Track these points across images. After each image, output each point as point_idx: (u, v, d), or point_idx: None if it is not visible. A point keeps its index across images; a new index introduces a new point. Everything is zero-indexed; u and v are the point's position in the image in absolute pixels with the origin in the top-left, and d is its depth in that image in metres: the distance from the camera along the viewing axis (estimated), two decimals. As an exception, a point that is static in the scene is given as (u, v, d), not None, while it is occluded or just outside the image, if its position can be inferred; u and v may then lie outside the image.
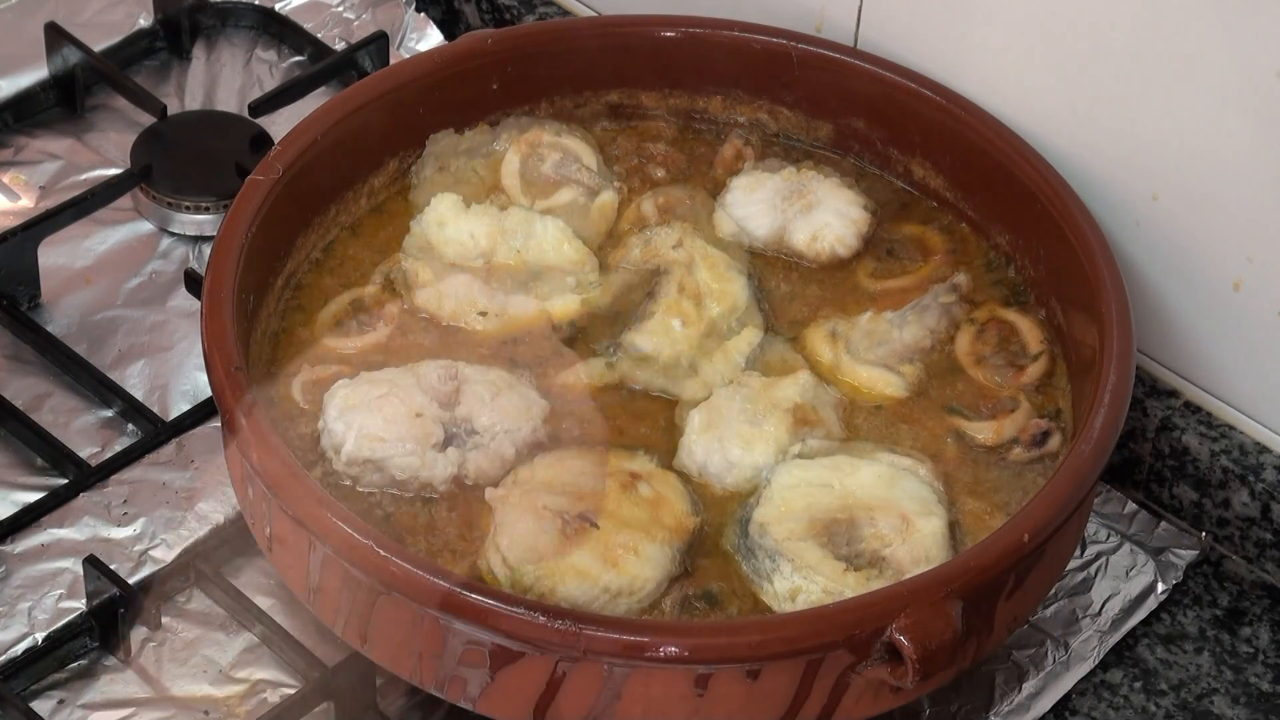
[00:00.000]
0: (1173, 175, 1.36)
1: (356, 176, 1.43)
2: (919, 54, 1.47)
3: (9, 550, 1.32)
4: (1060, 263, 1.37)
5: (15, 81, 1.62)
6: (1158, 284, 1.41)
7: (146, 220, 1.54)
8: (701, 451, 1.30)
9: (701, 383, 1.34)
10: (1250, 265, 1.35)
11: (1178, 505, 1.41)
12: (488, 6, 1.70)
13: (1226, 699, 1.31)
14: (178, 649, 1.29)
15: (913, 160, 1.47)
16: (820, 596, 1.21)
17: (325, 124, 1.39)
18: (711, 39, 1.48)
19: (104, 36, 1.65)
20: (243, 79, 1.66)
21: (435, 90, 1.45)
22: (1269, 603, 1.37)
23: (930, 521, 1.25)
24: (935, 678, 1.18)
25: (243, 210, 1.33)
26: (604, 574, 1.21)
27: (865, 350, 1.37)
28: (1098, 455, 1.22)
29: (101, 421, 1.42)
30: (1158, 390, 1.43)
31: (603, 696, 1.15)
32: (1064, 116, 1.41)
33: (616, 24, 1.52)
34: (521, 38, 1.48)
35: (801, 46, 1.47)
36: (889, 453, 1.31)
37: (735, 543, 1.26)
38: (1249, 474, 1.37)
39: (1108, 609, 1.34)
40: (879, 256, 1.45)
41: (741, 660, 1.14)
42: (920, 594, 1.15)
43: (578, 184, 1.47)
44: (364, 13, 1.70)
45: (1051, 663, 1.31)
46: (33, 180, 1.57)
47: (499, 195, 1.46)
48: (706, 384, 1.34)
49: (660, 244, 1.42)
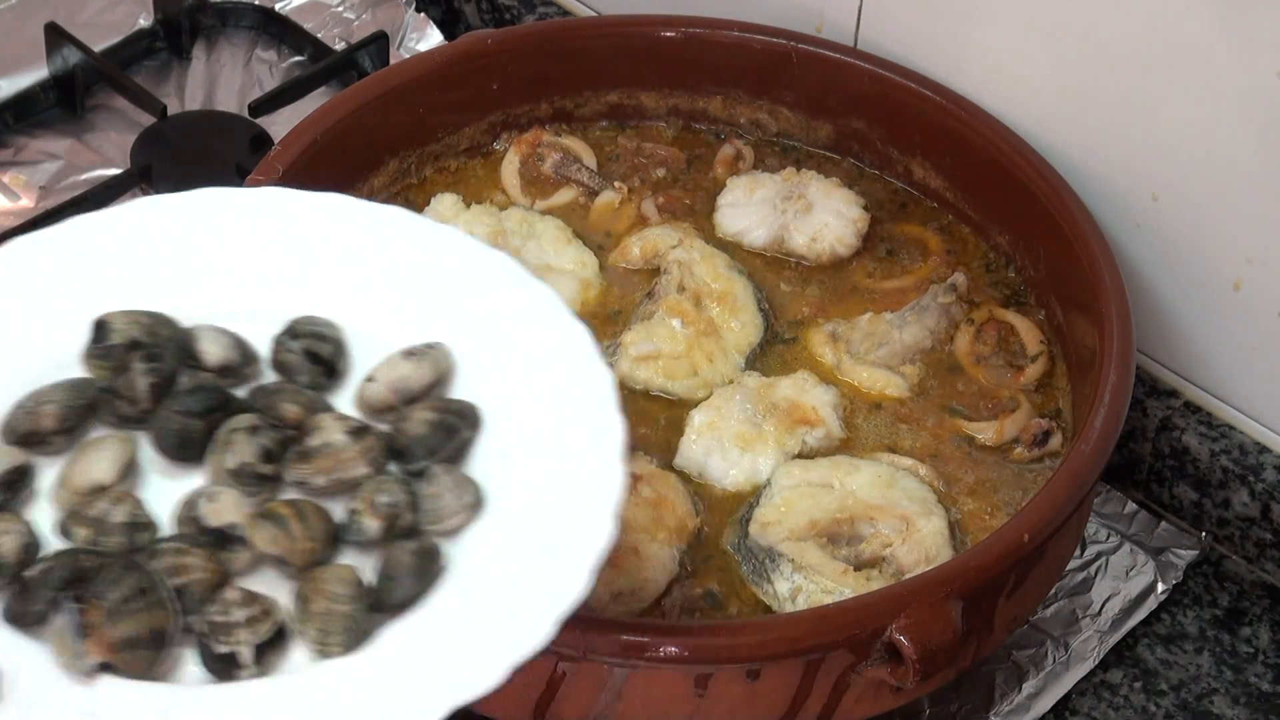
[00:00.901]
0: (1173, 175, 1.36)
1: (356, 176, 1.43)
2: (919, 54, 1.47)
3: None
4: (1060, 263, 1.37)
5: (15, 81, 1.62)
6: (1158, 284, 1.41)
7: (146, 220, 1.54)
8: (702, 452, 1.30)
9: (701, 383, 1.34)
10: (1250, 265, 1.35)
11: (1178, 505, 1.41)
12: (488, 6, 1.70)
13: (1226, 699, 1.31)
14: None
15: (913, 160, 1.47)
16: (820, 597, 1.21)
17: (325, 124, 1.39)
18: (711, 39, 1.48)
19: (104, 36, 1.65)
20: (243, 79, 1.66)
21: (435, 90, 1.45)
22: (1269, 603, 1.37)
23: (930, 522, 1.25)
24: (935, 678, 1.18)
25: (243, 210, 1.33)
26: (605, 574, 1.21)
27: (866, 351, 1.37)
28: (1098, 455, 1.22)
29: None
30: (1158, 390, 1.43)
31: (603, 696, 1.15)
32: (1064, 116, 1.41)
33: (616, 24, 1.52)
34: (521, 38, 1.48)
35: (801, 46, 1.47)
36: (889, 453, 1.31)
37: (735, 543, 1.26)
38: (1249, 474, 1.37)
39: (1108, 609, 1.34)
40: (878, 257, 1.45)
41: (742, 660, 1.14)
42: (920, 594, 1.15)
43: (578, 184, 1.47)
44: (364, 13, 1.70)
45: (1051, 663, 1.31)
46: (33, 180, 1.57)
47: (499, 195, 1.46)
48: (706, 384, 1.34)
49: (660, 244, 1.42)
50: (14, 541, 1.07)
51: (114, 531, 1.08)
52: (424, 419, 1.12)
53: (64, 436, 1.13)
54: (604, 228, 1.45)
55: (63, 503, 1.10)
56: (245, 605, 1.05)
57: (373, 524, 1.08)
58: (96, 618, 1.02)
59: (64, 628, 1.03)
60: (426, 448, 1.11)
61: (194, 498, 1.09)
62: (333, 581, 1.06)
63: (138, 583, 1.04)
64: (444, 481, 1.10)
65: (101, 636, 1.02)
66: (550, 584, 1.04)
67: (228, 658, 1.04)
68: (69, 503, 1.10)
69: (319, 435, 1.11)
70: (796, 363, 1.37)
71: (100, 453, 1.11)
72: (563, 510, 1.08)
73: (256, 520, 1.07)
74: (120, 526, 1.08)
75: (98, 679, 1.02)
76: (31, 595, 1.05)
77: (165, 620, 1.04)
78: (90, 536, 1.07)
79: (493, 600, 1.05)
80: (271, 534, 1.07)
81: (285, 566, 1.07)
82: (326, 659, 1.05)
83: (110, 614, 1.02)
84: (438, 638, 1.05)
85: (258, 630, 1.05)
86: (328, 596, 1.05)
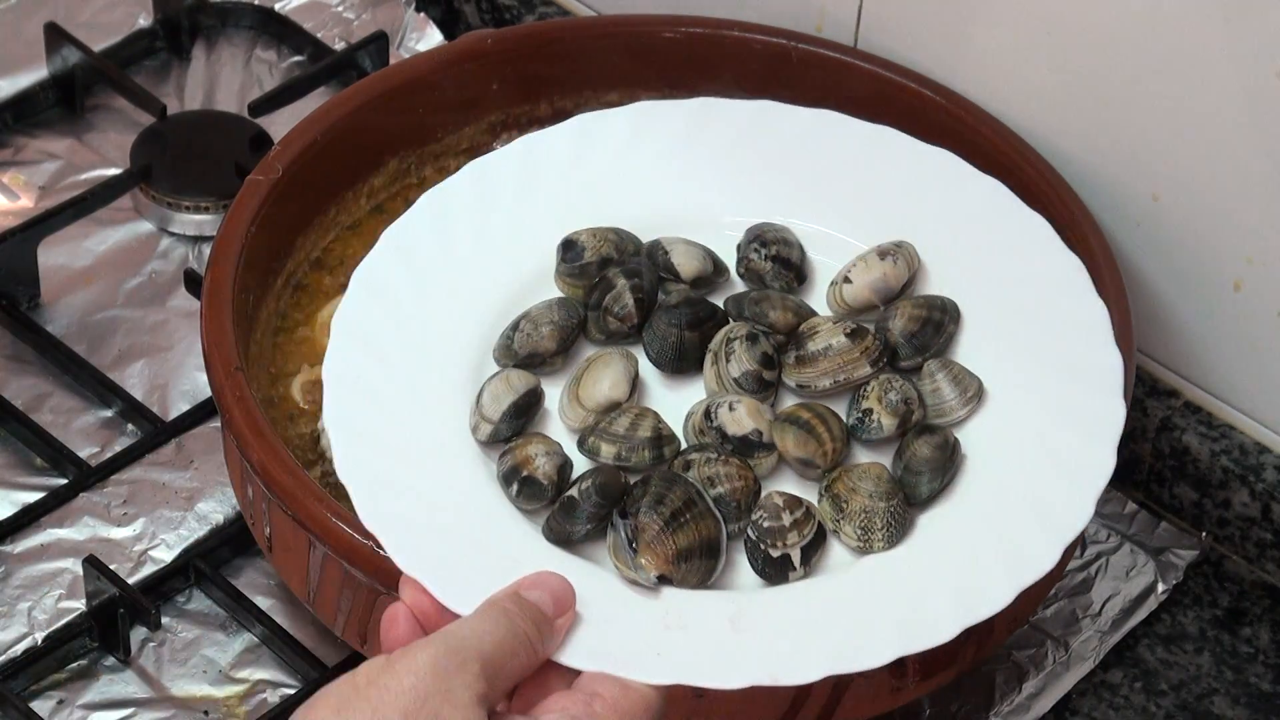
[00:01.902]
0: (1173, 175, 1.36)
1: (356, 176, 1.43)
2: (919, 54, 1.46)
3: (8, 550, 1.32)
4: (1060, 263, 1.36)
5: (15, 81, 1.61)
6: (1158, 284, 1.40)
7: (146, 220, 1.54)
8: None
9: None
10: (1250, 266, 1.35)
11: (1178, 505, 1.41)
12: (488, 6, 1.70)
13: (1227, 699, 1.31)
14: (177, 649, 1.29)
15: (913, 160, 1.47)
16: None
17: (325, 124, 1.39)
18: (711, 39, 1.48)
19: (104, 36, 1.65)
20: (242, 79, 1.66)
21: (435, 90, 1.45)
22: (1269, 603, 1.37)
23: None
24: (935, 678, 1.17)
25: (242, 210, 1.33)
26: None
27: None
28: (1098, 455, 1.22)
29: (101, 421, 1.41)
30: (1158, 390, 1.42)
31: (603, 697, 1.15)
32: (1064, 116, 1.41)
33: (616, 24, 1.52)
34: (521, 38, 1.48)
35: (801, 46, 1.47)
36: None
37: (736, 543, 1.26)
38: (1249, 474, 1.37)
39: (1108, 609, 1.34)
40: (879, 256, 1.45)
41: (742, 660, 1.14)
42: (921, 594, 1.14)
43: (578, 184, 1.47)
44: (364, 13, 1.70)
45: (1051, 663, 1.31)
46: (32, 180, 1.57)
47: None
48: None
49: (661, 244, 1.42)
50: (551, 463, 1.11)
51: (643, 446, 1.11)
52: (910, 314, 1.17)
53: (562, 357, 1.17)
54: (604, 228, 1.45)
55: (578, 421, 1.13)
56: (790, 509, 1.09)
57: (890, 421, 1.13)
58: (650, 532, 1.06)
59: (619, 544, 1.06)
60: (917, 345, 1.17)
61: (708, 408, 1.13)
62: (868, 479, 1.11)
63: (685, 494, 1.08)
64: (941, 377, 1.15)
65: (658, 550, 1.06)
66: (1056, 503, 1.10)
67: (783, 560, 1.08)
68: (584, 421, 1.13)
69: (819, 339, 1.15)
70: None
71: (608, 369, 1.15)
72: (1061, 416, 1.13)
73: (781, 425, 1.12)
74: (647, 441, 1.11)
75: (660, 591, 1.06)
76: (577, 514, 1.08)
77: (716, 530, 1.08)
78: (616, 453, 1.11)
79: (1003, 505, 1.11)
80: (798, 437, 1.12)
81: (811, 469, 1.12)
82: (868, 554, 1.10)
83: (663, 528, 1.06)
84: (962, 533, 1.10)
85: (804, 532, 1.09)
86: (865, 494, 1.11)
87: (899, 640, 1.05)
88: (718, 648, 1.06)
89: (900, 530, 1.11)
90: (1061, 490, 1.11)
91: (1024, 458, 1.14)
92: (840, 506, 1.11)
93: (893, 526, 1.11)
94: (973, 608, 1.07)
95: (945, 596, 1.07)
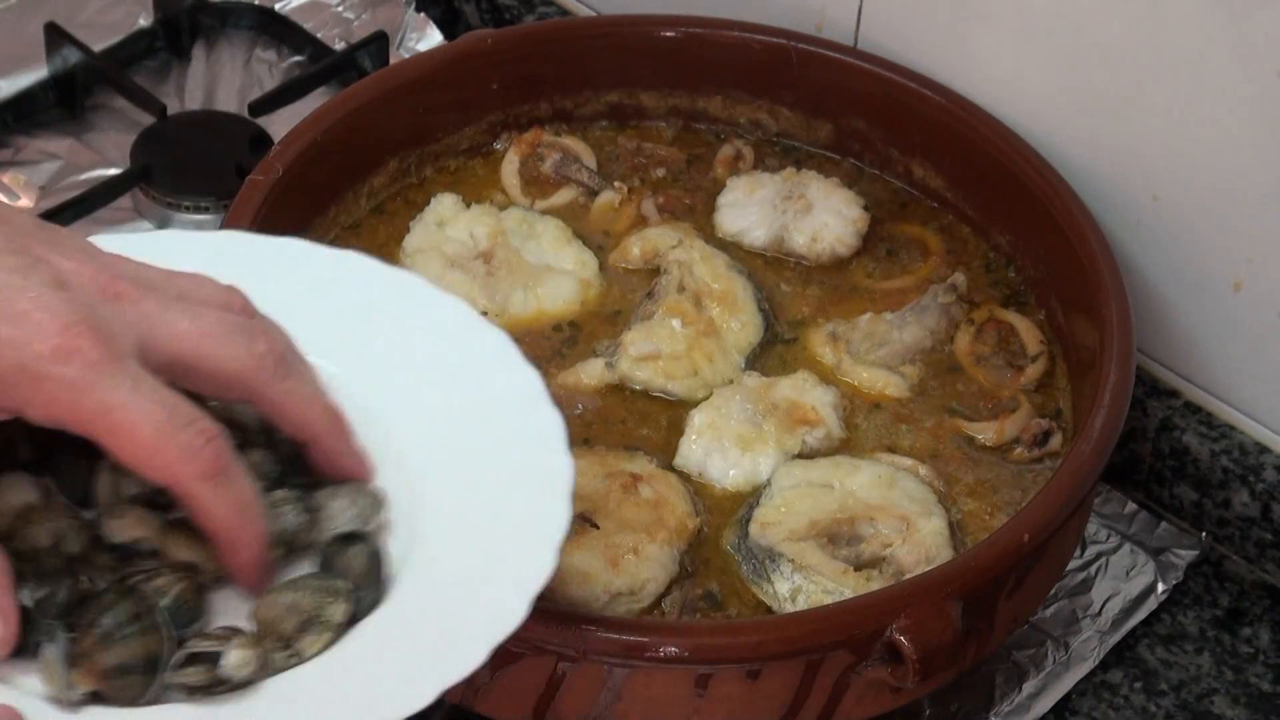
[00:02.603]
0: (1173, 175, 1.36)
1: (356, 176, 1.43)
2: (919, 54, 1.47)
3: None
4: (1060, 263, 1.37)
5: (15, 81, 1.61)
6: (1158, 284, 1.41)
7: (146, 220, 1.54)
8: (702, 452, 1.30)
9: (701, 383, 1.34)
10: (1251, 266, 1.35)
11: (1178, 505, 1.41)
12: (488, 6, 1.70)
13: (1227, 699, 1.31)
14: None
15: (913, 160, 1.47)
16: (820, 597, 1.21)
17: (325, 124, 1.39)
18: (711, 39, 1.48)
19: (104, 36, 1.65)
20: (242, 79, 1.66)
21: (435, 90, 1.45)
22: (1269, 603, 1.37)
23: (931, 522, 1.25)
24: (935, 678, 1.17)
25: (242, 210, 1.33)
26: (605, 575, 1.21)
27: (866, 351, 1.37)
28: (1098, 455, 1.22)
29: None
30: (1158, 390, 1.43)
31: (603, 697, 1.15)
32: (1064, 116, 1.41)
33: (616, 24, 1.52)
34: (521, 38, 1.48)
35: (801, 46, 1.47)
36: (889, 453, 1.31)
37: (735, 543, 1.26)
38: (1249, 474, 1.37)
39: (1108, 609, 1.34)
40: (878, 257, 1.45)
41: (742, 660, 1.14)
42: (920, 594, 1.15)
43: (577, 184, 1.47)
44: (364, 13, 1.70)
45: (1051, 663, 1.31)
46: (32, 180, 1.57)
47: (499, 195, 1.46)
48: (706, 384, 1.34)
49: (660, 244, 1.42)
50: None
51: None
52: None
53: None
54: (604, 228, 1.45)
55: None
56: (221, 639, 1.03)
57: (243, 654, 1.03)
58: (89, 645, 1.01)
59: (55, 657, 1.01)
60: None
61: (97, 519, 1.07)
62: (286, 591, 1.05)
63: (133, 608, 1.02)
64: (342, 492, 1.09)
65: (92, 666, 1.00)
66: (519, 570, 1.05)
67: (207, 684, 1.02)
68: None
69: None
70: (796, 363, 1.36)
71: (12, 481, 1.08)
72: (515, 503, 1.08)
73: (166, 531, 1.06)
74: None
75: (84, 710, 1.00)
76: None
77: (158, 645, 1.02)
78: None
79: (458, 589, 1.05)
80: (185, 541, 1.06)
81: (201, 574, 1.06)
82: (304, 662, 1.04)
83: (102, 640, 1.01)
84: (412, 627, 1.05)
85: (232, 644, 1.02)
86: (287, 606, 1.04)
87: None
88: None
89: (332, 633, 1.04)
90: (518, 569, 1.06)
91: (480, 553, 1.08)
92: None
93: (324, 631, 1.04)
94: (445, 672, 1.02)
95: (393, 693, 1.01)
